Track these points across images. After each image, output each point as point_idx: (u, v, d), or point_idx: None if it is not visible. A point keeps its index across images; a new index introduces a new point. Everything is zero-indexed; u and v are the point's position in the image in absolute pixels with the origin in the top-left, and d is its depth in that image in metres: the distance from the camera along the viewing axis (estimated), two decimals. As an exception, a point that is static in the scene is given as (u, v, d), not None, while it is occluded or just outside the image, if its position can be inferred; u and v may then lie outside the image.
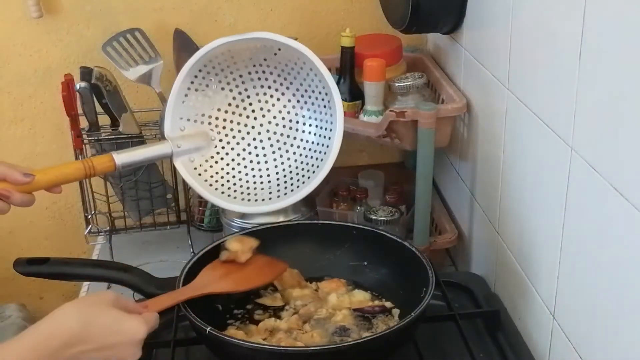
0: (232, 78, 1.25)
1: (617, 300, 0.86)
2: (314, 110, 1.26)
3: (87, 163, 1.11)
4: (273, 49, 1.23)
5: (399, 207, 1.40)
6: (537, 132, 1.04)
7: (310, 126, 1.27)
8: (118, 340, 0.88)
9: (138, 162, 1.19)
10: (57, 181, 1.08)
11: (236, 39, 1.20)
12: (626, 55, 0.79)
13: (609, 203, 0.85)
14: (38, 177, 1.06)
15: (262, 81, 1.27)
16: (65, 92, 1.36)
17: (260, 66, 1.25)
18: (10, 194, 1.01)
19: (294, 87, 1.27)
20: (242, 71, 1.25)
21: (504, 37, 1.14)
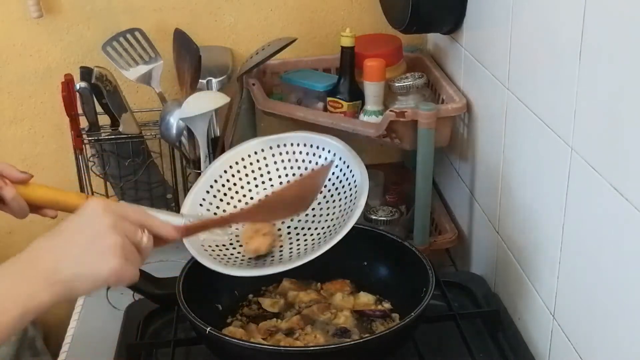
0: (260, 174, 1.19)
1: (617, 300, 0.86)
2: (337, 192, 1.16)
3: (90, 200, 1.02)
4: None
5: (399, 207, 1.40)
6: (537, 132, 1.04)
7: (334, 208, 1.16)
8: (78, 220, 0.83)
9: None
10: (53, 202, 1.01)
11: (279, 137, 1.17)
12: (626, 55, 0.79)
13: (609, 203, 0.85)
14: (36, 187, 1.00)
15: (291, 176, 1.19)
16: (65, 92, 1.36)
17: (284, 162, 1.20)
18: (5, 186, 0.96)
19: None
20: (268, 168, 1.20)
21: (504, 37, 1.14)
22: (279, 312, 1.18)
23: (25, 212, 0.99)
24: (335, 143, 1.15)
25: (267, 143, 1.18)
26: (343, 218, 1.08)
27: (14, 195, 0.97)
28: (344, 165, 1.12)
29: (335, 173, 1.13)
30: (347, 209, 1.08)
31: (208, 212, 1.15)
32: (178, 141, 1.44)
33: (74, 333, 1.31)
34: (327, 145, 1.15)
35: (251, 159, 1.18)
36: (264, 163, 1.18)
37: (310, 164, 1.16)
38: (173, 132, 1.40)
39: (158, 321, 1.20)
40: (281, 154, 1.18)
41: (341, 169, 1.12)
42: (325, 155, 1.15)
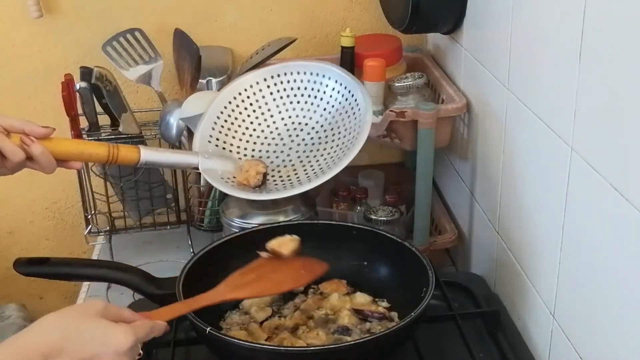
0: (259, 106, 1.22)
1: (617, 300, 0.86)
2: (341, 118, 1.21)
3: (112, 147, 1.06)
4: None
5: (399, 207, 1.40)
6: (537, 132, 1.04)
7: (339, 131, 1.20)
8: (100, 351, 0.83)
9: (162, 163, 1.13)
10: (78, 153, 1.03)
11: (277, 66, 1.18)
12: (626, 56, 0.79)
13: (609, 203, 0.85)
14: (59, 141, 1.02)
15: (289, 104, 1.23)
16: (65, 92, 1.36)
17: (284, 91, 1.22)
18: (32, 143, 0.97)
19: (322, 105, 1.21)
20: (267, 99, 1.22)
21: (504, 37, 1.14)
22: (276, 308, 1.18)
23: (54, 167, 1.01)
24: (334, 69, 1.17)
25: (265, 74, 1.20)
26: (351, 140, 1.09)
27: (42, 150, 0.98)
28: (344, 89, 1.14)
29: (337, 98, 1.15)
30: (354, 129, 1.10)
31: (217, 147, 1.18)
32: (178, 141, 1.44)
33: (74, 333, 1.30)
34: (326, 72, 1.17)
35: (248, 92, 1.21)
36: (262, 95, 1.21)
37: (307, 90, 1.20)
38: (173, 132, 1.40)
39: (158, 321, 1.20)
40: (281, 83, 1.20)
41: (343, 94, 1.15)
42: (327, 83, 1.17)
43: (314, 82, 1.20)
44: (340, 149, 1.12)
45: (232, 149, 1.21)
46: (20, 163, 0.98)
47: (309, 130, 1.16)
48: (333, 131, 1.15)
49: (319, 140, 1.15)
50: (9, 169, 0.99)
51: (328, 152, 1.14)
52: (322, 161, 1.12)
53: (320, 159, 1.13)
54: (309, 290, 1.22)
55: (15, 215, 1.68)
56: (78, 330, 0.83)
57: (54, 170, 1.01)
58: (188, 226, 1.53)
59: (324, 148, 1.14)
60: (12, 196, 1.66)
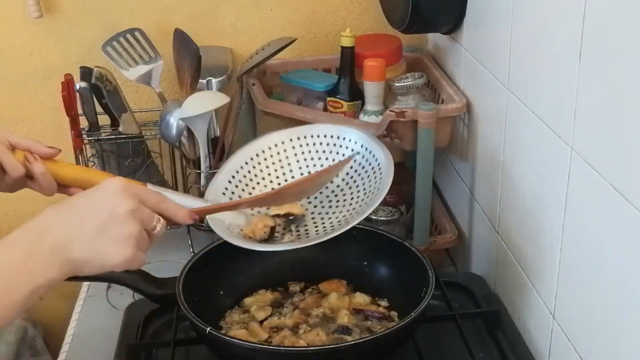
0: (280, 166, 1.20)
1: (617, 300, 0.86)
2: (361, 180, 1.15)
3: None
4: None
5: (399, 207, 1.40)
6: (537, 132, 1.04)
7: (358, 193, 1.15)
8: (95, 197, 0.80)
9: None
10: (80, 180, 1.01)
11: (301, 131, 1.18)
12: (626, 56, 0.79)
13: (609, 203, 0.85)
14: (63, 164, 1.01)
15: (312, 167, 1.19)
16: (65, 92, 1.36)
17: (309, 153, 1.19)
18: (34, 161, 0.96)
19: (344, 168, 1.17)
20: (290, 159, 1.19)
21: (504, 37, 1.14)
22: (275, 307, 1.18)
23: (53, 189, 0.99)
24: (357, 131, 1.15)
25: (290, 135, 1.18)
26: (368, 199, 1.08)
27: (42, 170, 0.96)
28: (367, 152, 1.13)
29: (359, 161, 1.14)
30: (372, 191, 1.08)
31: (231, 200, 1.14)
32: (178, 141, 1.44)
33: (74, 333, 1.31)
34: (350, 135, 1.16)
35: (272, 151, 1.18)
36: (285, 155, 1.18)
37: (331, 154, 1.17)
38: (173, 132, 1.40)
39: (158, 321, 1.20)
40: (305, 145, 1.18)
41: (364, 156, 1.13)
42: (347, 145, 1.16)
43: (334, 144, 1.17)
44: (354, 208, 1.10)
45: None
46: (19, 180, 0.97)
47: (328, 194, 1.15)
48: (352, 193, 1.13)
49: (337, 202, 1.13)
50: (8, 186, 0.98)
51: (341, 212, 1.11)
52: (334, 219, 1.10)
53: (332, 217, 1.11)
54: (306, 290, 1.22)
55: (15, 215, 1.68)
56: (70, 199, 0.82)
57: (53, 193, 0.99)
58: (188, 226, 1.53)
59: (338, 207, 1.12)
60: (12, 196, 1.65)
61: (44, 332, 1.70)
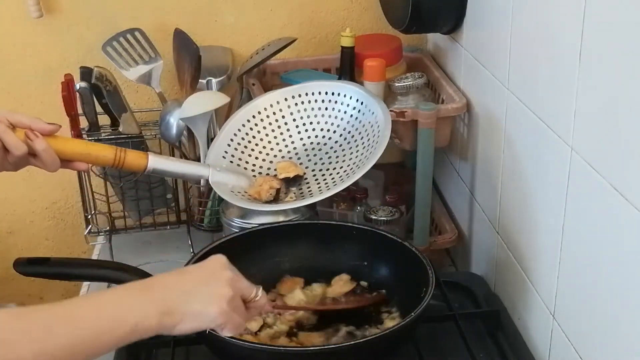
0: (278, 125, 1.21)
1: (617, 300, 0.86)
2: (359, 134, 1.19)
3: (119, 150, 1.05)
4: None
5: (399, 207, 1.40)
6: (537, 132, 1.04)
7: (357, 147, 1.19)
8: (201, 264, 0.89)
9: (170, 172, 1.12)
10: (84, 154, 1.02)
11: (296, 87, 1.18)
12: (626, 56, 0.79)
13: (609, 203, 0.85)
14: (66, 139, 1.01)
15: (309, 125, 1.22)
16: (65, 92, 1.36)
17: (305, 111, 1.22)
18: (36, 138, 0.97)
19: (342, 124, 1.20)
20: (287, 118, 1.22)
21: (504, 37, 1.14)
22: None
23: (57, 165, 1.00)
24: (352, 87, 1.16)
25: (284, 94, 1.19)
26: (368, 153, 1.08)
27: (45, 146, 0.98)
28: (364, 106, 1.13)
29: (356, 116, 1.14)
30: (371, 144, 1.09)
31: (231, 163, 1.18)
32: (178, 141, 1.44)
33: (74, 333, 1.30)
34: (345, 90, 1.16)
35: (268, 112, 1.20)
36: (282, 114, 1.20)
37: (327, 110, 1.18)
38: (173, 132, 1.40)
39: (158, 321, 1.20)
40: (302, 103, 1.19)
41: (361, 110, 1.14)
42: (343, 100, 1.16)
43: (332, 101, 1.19)
44: (354, 163, 1.12)
45: (247, 166, 1.20)
46: (22, 158, 0.98)
47: (327, 150, 1.16)
48: (351, 148, 1.14)
49: (336, 158, 1.14)
50: (11, 164, 0.99)
51: (341, 167, 1.13)
52: (335, 175, 1.12)
53: (333, 173, 1.13)
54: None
55: (15, 215, 1.68)
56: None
57: (57, 168, 1.01)
58: (188, 226, 1.53)
59: (338, 163, 1.14)
60: (12, 196, 1.66)
61: (44, 332, 1.69)
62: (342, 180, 1.08)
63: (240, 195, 1.10)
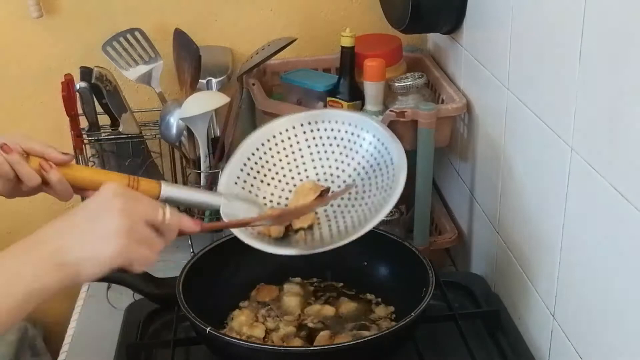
0: (292, 151, 1.17)
1: (616, 300, 0.86)
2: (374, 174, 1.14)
3: (132, 179, 1.03)
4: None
5: (399, 207, 1.40)
6: (537, 132, 1.04)
7: (370, 189, 1.14)
8: (89, 204, 0.81)
9: (182, 201, 1.08)
10: (96, 182, 0.99)
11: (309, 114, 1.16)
12: (626, 56, 0.79)
13: (609, 203, 0.85)
14: (78, 168, 1.02)
15: (323, 154, 1.17)
16: (65, 92, 1.36)
17: (320, 139, 1.17)
18: (50, 169, 0.96)
19: (357, 159, 1.15)
20: (301, 145, 1.17)
21: (504, 37, 1.14)
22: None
23: (70, 194, 1.00)
24: (373, 122, 1.13)
25: (300, 120, 1.16)
26: (381, 197, 1.07)
27: (59, 178, 0.97)
28: (380, 144, 1.11)
29: (372, 153, 1.11)
30: (385, 188, 1.07)
31: (243, 190, 1.13)
32: (178, 141, 1.44)
33: (74, 333, 1.31)
34: (364, 124, 1.14)
35: (282, 136, 1.16)
36: (297, 140, 1.15)
37: (343, 141, 1.14)
38: (173, 132, 1.40)
39: (158, 321, 1.20)
40: (317, 130, 1.16)
41: (379, 149, 1.11)
42: (362, 135, 1.13)
43: (351, 133, 1.14)
44: (368, 208, 1.07)
45: (259, 193, 1.15)
46: (35, 188, 0.98)
47: (339, 183, 1.13)
48: (364, 188, 1.10)
49: (349, 197, 1.12)
50: (23, 192, 0.99)
51: (356, 210, 1.08)
52: (348, 219, 1.08)
53: (347, 217, 1.09)
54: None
55: (15, 215, 1.68)
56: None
57: (70, 198, 1.00)
58: (188, 226, 1.53)
59: (353, 205, 1.10)
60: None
61: (44, 332, 1.70)
62: (354, 228, 1.06)
63: (249, 229, 1.08)
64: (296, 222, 1.09)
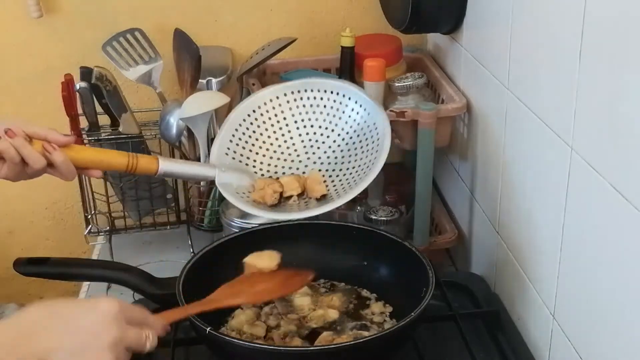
0: (277, 120, 1.20)
1: (617, 300, 0.86)
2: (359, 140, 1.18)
3: (132, 156, 1.07)
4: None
5: (399, 207, 1.40)
6: (537, 132, 1.04)
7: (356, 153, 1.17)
8: (85, 314, 0.80)
9: (179, 174, 1.13)
10: (98, 161, 1.05)
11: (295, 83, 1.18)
12: (626, 55, 0.79)
13: (609, 203, 0.85)
14: (80, 149, 1.04)
15: (307, 121, 1.21)
16: (65, 92, 1.36)
17: (304, 107, 1.21)
18: (54, 151, 0.98)
19: (340, 125, 1.19)
20: (286, 114, 1.21)
21: (504, 37, 1.14)
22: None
23: (74, 174, 1.02)
24: (356, 90, 1.16)
25: (284, 89, 1.19)
26: (367, 164, 1.09)
27: (63, 159, 1.00)
28: (364, 111, 1.14)
29: (356, 120, 1.15)
30: (372, 153, 1.09)
31: (234, 160, 1.17)
32: (178, 141, 1.44)
33: (74, 333, 1.30)
34: (347, 92, 1.16)
35: (267, 106, 1.20)
36: (280, 110, 1.20)
37: (326, 108, 1.19)
38: (173, 132, 1.40)
39: (158, 321, 1.20)
40: (300, 99, 1.19)
41: (362, 116, 1.14)
42: (348, 103, 1.16)
43: (335, 100, 1.18)
44: (356, 172, 1.11)
45: (249, 162, 1.19)
46: (40, 170, 0.99)
47: (325, 149, 1.16)
48: (350, 152, 1.14)
49: (336, 161, 1.14)
50: (28, 175, 1.01)
51: (344, 174, 1.13)
52: (337, 184, 1.12)
53: (336, 181, 1.13)
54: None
55: (15, 215, 1.68)
56: (62, 306, 0.81)
57: (74, 177, 1.03)
58: (188, 226, 1.53)
59: (340, 169, 1.14)
60: (12, 196, 1.66)
61: (44, 332, 1.69)
62: (344, 191, 1.09)
63: (245, 197, 1.11)
64: (287, 190, 1.13)
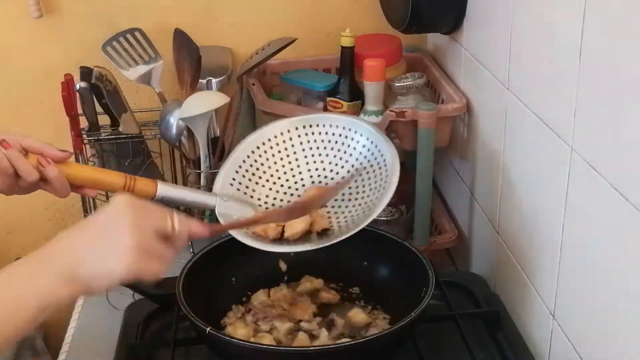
0: (287, 154, 1.19)
1: (617, 300, 0.86)
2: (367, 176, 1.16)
3: (129, 178, 1.05)
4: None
5: (399, 207, 1.40)
6: (537, 132, 1.04)
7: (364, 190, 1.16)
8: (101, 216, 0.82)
9: (178, 200, 1.09)
10: (93, 180, 1.03)
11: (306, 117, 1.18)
12: (626, 55, 0.79)
13: (609, 203, 0.85)
14: (76, 166, 1.03)
15: (317, 157, 1.19)
16: (65, 92, 1.36)
17: (314, 142, 1.19)
18: (48, 165, 0.97)
19: (350, 161, 1.17)
20: (296, 148, 1.19)
21: (504, 37, 1.14)
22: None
23: (67, 191, 1.01)
24: (365, 125, 1.15)
25: (295, 124, 1.18)
26: (374, 198, 1.08)
27: (57, 174, 0.98)
28: (374, 146, 1.13)
29: (365, 155, 1.14)
30: (378, 189, 1.09)
31: (238, 191, 1.15)
32: (178, 141, 1.44)
33: (74, 333, 1.31)
34: (356, 127, 1.15)
35: (277, 139, 1.18)
36: (291, 144, 1.18)
37: (337, 144, 1.17)
38: (173, 132, 1.40)
39: (158, 321, 1.20)
40: (312, 134, 1.18)
41: (372, 151, 1.13)
42: (354, 137, 1.15)
43: (345, 136, 1.16)
44: (362, 208, 1.10)
45: (254, 195, 1.16)
46: (34, 184, 0.98)
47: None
48: (357, 189, 1.13)
49: (342, 197, 1.13)
50: (22, 189, 1.00)
51: (349, 211, 1.11)
52: (342, 219, 1.11)
53: (340, 217, 1.11)
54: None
55: (14, 215, 1.68)
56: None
57: (68, 194, 1.01)
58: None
59: (346, 206, 1.12)
60: (12, 196, 1.65)
61: (44, 332, 1.70)
62: (347, 227, 1.08)
63: (245, 229, 1.09)
64: (291, 227, 1.10)
